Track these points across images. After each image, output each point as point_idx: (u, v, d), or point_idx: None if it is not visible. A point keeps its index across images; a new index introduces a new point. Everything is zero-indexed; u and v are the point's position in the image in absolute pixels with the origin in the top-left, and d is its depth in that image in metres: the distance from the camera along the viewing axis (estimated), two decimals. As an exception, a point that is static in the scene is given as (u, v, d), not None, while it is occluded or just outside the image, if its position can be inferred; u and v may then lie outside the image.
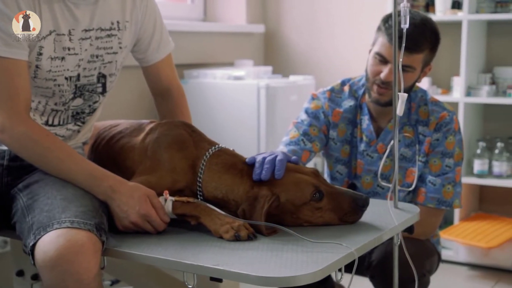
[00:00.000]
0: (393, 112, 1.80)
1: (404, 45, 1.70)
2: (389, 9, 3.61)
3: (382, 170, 2.24)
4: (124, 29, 1.81)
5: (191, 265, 1.40)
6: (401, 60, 1.72)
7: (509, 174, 3.50)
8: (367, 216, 1.71)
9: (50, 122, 1.79)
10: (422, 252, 2.18)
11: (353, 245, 1.49)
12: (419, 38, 2.12)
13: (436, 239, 2.41)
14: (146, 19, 1.87)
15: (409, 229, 1.80)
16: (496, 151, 3.49)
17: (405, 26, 1.69)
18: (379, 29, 2.24)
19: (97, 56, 1.77)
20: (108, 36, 1.77)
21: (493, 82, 3.61)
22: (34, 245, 1.47)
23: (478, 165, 3.49)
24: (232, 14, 4.19)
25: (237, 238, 1.53)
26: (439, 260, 2.38)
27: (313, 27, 4.15)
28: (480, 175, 3.50)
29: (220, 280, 1.44)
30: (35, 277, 2.15)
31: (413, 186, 2.23)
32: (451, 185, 2.24)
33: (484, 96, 3.48)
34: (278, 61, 4.25)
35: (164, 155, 1.72)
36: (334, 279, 1.45)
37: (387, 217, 1.74)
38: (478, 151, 3.51)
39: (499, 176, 3.48)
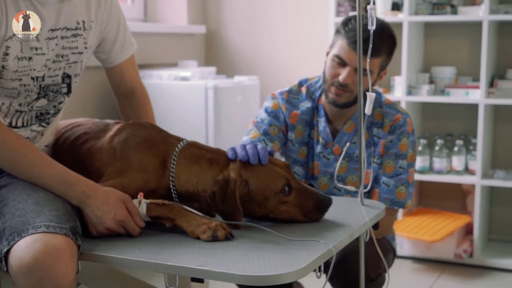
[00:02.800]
0: (359, 112, 1.83)
1: (371, 46, 1.73)
2: (332, 9, 3.69)
3: (338, 172, 2.28)
4: (90, 29, 1.79)
5: (174, 267, 1.39)
6: (368, 60, 1.77)
7: (448, 170, 3.62)
8: (336, 213, 1.75)
9: (13, 124, 1.74)
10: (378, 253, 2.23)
11: (329, 242, 1.52)
12: (377, 42, 2.15)
13: (392, 235, 2.47)
14: (110, 19, 1.85)
15: (375, 226, 1.84)
16: (436, 148, 3.61)
17: (372, 27, 1.73)
18: (337, 32, 2.26)
19: (62, 56, 1.74)
20: (74, 36, 1.74)
21: (431, 81, 3.73)
22: (7, 251, 1.43)
23: (420, 161, 3.60)
24: (173, 15, 4.17)
25: (214, 238, 1.53)
26: (394, 256, 2.45)
27: (253, 27, 4.18)
28: (422, 171, 3.61)
29: (202, 281, 1.44)
30: (-7, 285, 2.09)
31: (369, 187, 2.27)
32: (404, 186, 2.30)
33: (425, 95, 3.59)
34: (219, 62, 4.26)
35: (134, 156, 1.71)
36: (315, 276, 1.47)
37: (355, 214, 1.78)
38: (420, 148, 3.62)
39: (439, 172, 3.60)
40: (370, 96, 1.76)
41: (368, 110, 1.78)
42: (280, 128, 2.33)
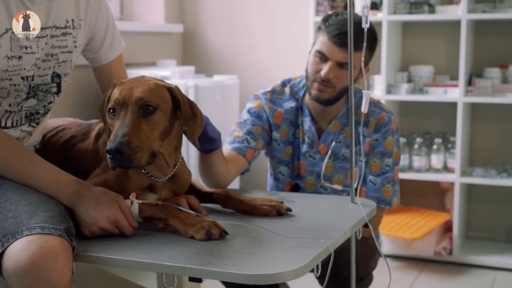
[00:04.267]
0: (349, 108, 1.84)
1: (365, 45, 1.74)
2: (311, 9, 3.70)
3: (324, 171, 2.29)
4: (79, 28, 1.76)
5: (173, 267, 1.38)
6: (363, 59, 1.77)
7: (427, 168, 3.66)
8: (327, 211, 1.76)
9: (3, 124, 1.71)
10: (367, 251, 2.23)
11: (326, 240, 1.52)
12: (359, 36, 2.16)
13: (376, 233, 2.48)
14: (99, 18, 1.83)
15: (365, 224, 1.85)
16: (416, 146, 3.64)
17: (366, 26, 1.74)
18: (319, 28, 2.27)
19: (52, 55, 1.71)
20: (63, 34, 1.72)
21: (409, 80, 3.76)
22: (1, 253, 1.40)
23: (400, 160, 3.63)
24: (150, 13, 4.14)
25: (209, 237, 1.52)
26: (379, 254, 2.46)
27: (231, 26, 4.17)
28: (401, 170, 3.63)
29: (200, 280, 1.43)
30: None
31: (355, 185, 2.27)
32: (390, 184, 2.31)
33: (404, 94, 3.62)
34: (197, 61, 4.24)
35: None
36: (314, 274, 1.47)
37: (347, 212, 1.79)
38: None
39: (419, 170, 3.63)
40: (366, 94, 1.77)
41: (364, 108, 1.79)
42: (264, 127, 2.33)
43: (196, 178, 1.95)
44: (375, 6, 3.68)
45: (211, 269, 1.35)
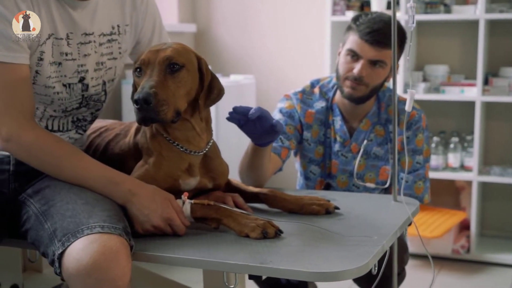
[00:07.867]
0: (393, 108, 1.86)
1: (410, 44, 1.75)
2: (328, 9, 3.71)
3: (357, 169, 2.30)
4: (124, 33, 1.76)
5: (236, 265, 1.39)
6: (408, 58, 1.78)
7: (444, 167, 3.67)
8: (372, 210, 1.78)
9: (50, 127, 1.71)
10: (400, 248, 2.24)
11: (381, 238, 1.53)
12: (388, 33, 2.17)
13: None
14: (146, 22, 1.82)
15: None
16: (433, 145, 3.66)
17: (413, 25, 1.74)
18: (349, 28, 2.29)
19: (102, 63, 1.72)
20: (109, 41, 1.72)
21: (424, 79, 3.78)
22: (62, 252, 1.40)
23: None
24: (163, 13, 4.11)
25: (264, 236, 1.53)
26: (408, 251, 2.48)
27: (244, 26, 4.17)
28: (418, 169, 3.65)
29: (260, 278, 1.43)
30: (15, 288, 2.05)
31: (388, 183, 2.29)
32: (422, 181, 2.33)
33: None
34: (210, 60, 4.22)
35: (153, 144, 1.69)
36: (372, 271, 1.48)
37: (391, 210, 1.80)
38: (416, 145, 3.66)
39: (436, 169, 3.65)
40: (411, 93, 1.78)
41: (409, 107, 1.80)
42: (296, 127, 2.34)
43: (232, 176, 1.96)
44: (391, 6, 3.68)
45: (274, 267, 1.36)
